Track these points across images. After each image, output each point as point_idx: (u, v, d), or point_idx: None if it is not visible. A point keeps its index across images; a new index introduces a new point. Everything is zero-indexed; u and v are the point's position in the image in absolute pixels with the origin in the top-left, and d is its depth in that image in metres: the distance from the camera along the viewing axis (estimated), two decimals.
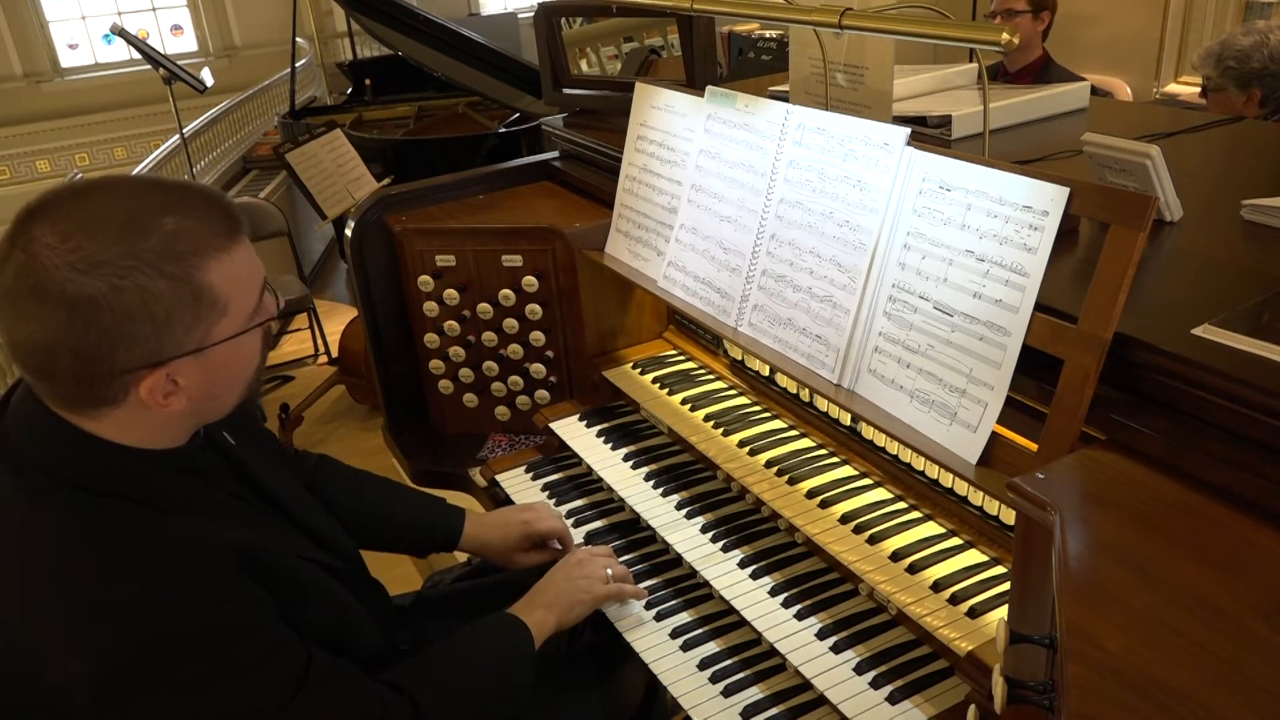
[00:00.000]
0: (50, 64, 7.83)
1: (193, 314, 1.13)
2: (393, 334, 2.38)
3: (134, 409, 1.16)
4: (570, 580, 1.62)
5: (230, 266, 1.17)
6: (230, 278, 1.17)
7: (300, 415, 4.47)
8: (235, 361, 1.22)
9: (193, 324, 1.14)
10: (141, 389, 1.13)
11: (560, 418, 2.16)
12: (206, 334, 1.16)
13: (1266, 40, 3.09)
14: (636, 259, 2.02)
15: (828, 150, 1.61)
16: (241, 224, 1.21)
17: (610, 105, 2.53)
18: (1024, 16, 3.90)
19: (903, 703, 1.39)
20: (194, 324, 1.14)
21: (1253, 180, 1.82)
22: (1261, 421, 1.08)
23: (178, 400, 1.18)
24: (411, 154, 4.75)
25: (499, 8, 8.80)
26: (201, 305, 1.14)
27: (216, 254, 1.15)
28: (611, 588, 1.64)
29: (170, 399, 1.17)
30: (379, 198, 2.36)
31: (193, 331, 1.14)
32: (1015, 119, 2.19)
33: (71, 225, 1.09)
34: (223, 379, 1.22)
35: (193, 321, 1.14)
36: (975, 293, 1.35)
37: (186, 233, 1.13)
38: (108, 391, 1.13)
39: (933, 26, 1.46)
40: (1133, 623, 0.91)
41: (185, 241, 1.12)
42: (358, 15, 5.01)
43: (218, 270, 1.15)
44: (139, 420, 1.18)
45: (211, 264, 1.14)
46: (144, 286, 1.09)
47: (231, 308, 1.17)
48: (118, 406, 1.15)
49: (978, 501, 1.55)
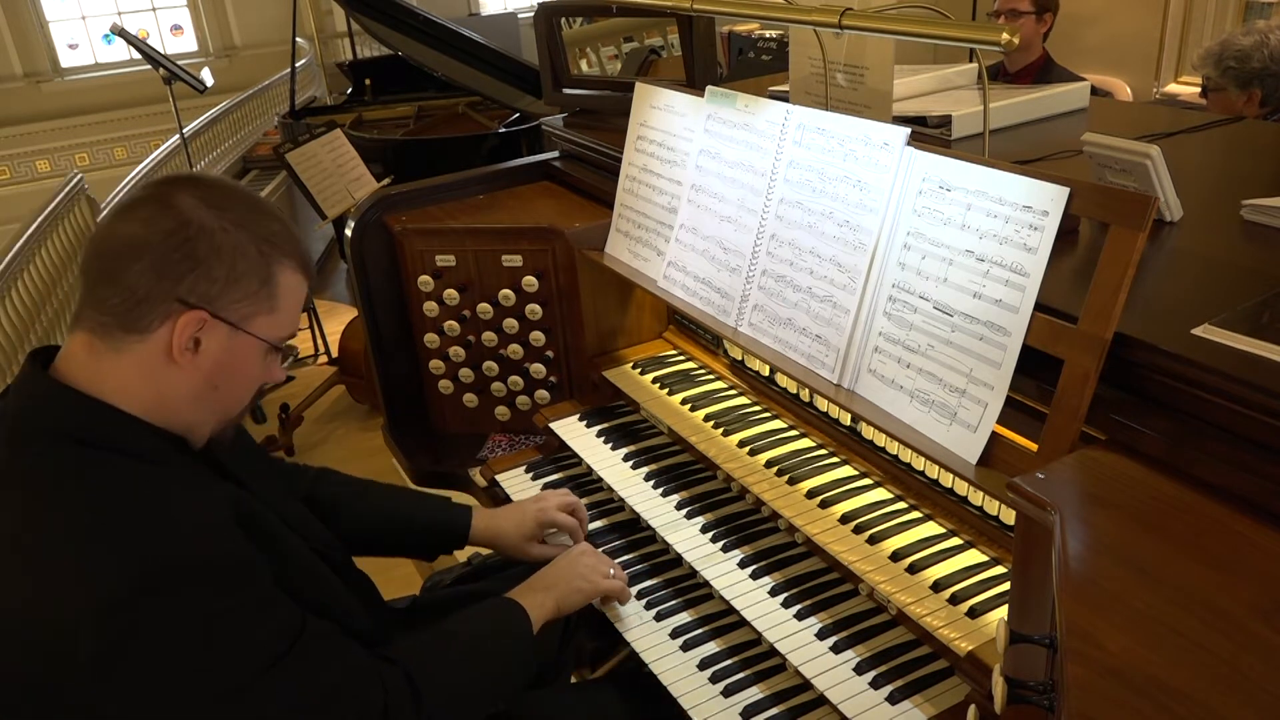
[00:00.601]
0: (50, 64, 7.82)
1: (255, 289, 1.27)
2: (393, 334, 2.38)
3: (153, 353, 1.22)
4: (572, 568, 1.65)
5: (295, 287, 1.33)
6: (290, 294, 1.32)
7: (300, 415, 4.48)
8: (243, 369, 1.30)
9: (249, 298, 1.26)
10: (179, 322, 1.21)
11: (560, 418, 2.16)
12: (250, 317, 1.27)
13: (1267, 40, 3.09)
14: (636, 259, 2.02)
15: (828, 150, 1.61)
16: (313, 274, 1.39)
17: (610, 105, 2.53)
18: (1027, 18, 3.89)
19: (903, 703, 1.39)
20: (250, 298, 1.27)
21: (1253, 180, 1.82)
22: (1261, 421, 1.08)
23: (190, 365, 1.24)
24: (411, 154, 4.74)
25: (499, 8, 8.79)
26: (265, 289, 1.28)
27: (294, 269, 1.32)
28: (613, 582, 1.66)
29: (186, 356, 1.24)
30: (379, 198, 2.36)
31: (245, 304, 1.26)
32: (1015, 119, 2.20)
33: (213, 186, 1.29)
34: (229, 375, 1.29)
35: (251, 296, 1.27)
36: (975, 293, 1.35)
37: (284, 236, 1.31)
38: (150, 315, 1.21)
39: (933, 26, 1.46)
40: (1133, 623, 0.91)
41: (282, 240, 1.30)
42: (358, 15, 5.00)
43: (288, 279, 1.31)
44: (146, 373, 1.23)
45: (288, 269, 1.30)
46: (242, 243, 1.25)
47: (278, 314, 1.30)
48: (144, 341, 1.22)
49: (978, 501, 1.55)
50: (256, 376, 1.33)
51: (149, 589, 1.11)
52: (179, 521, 1.17)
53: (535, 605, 1.56)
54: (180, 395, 1.26)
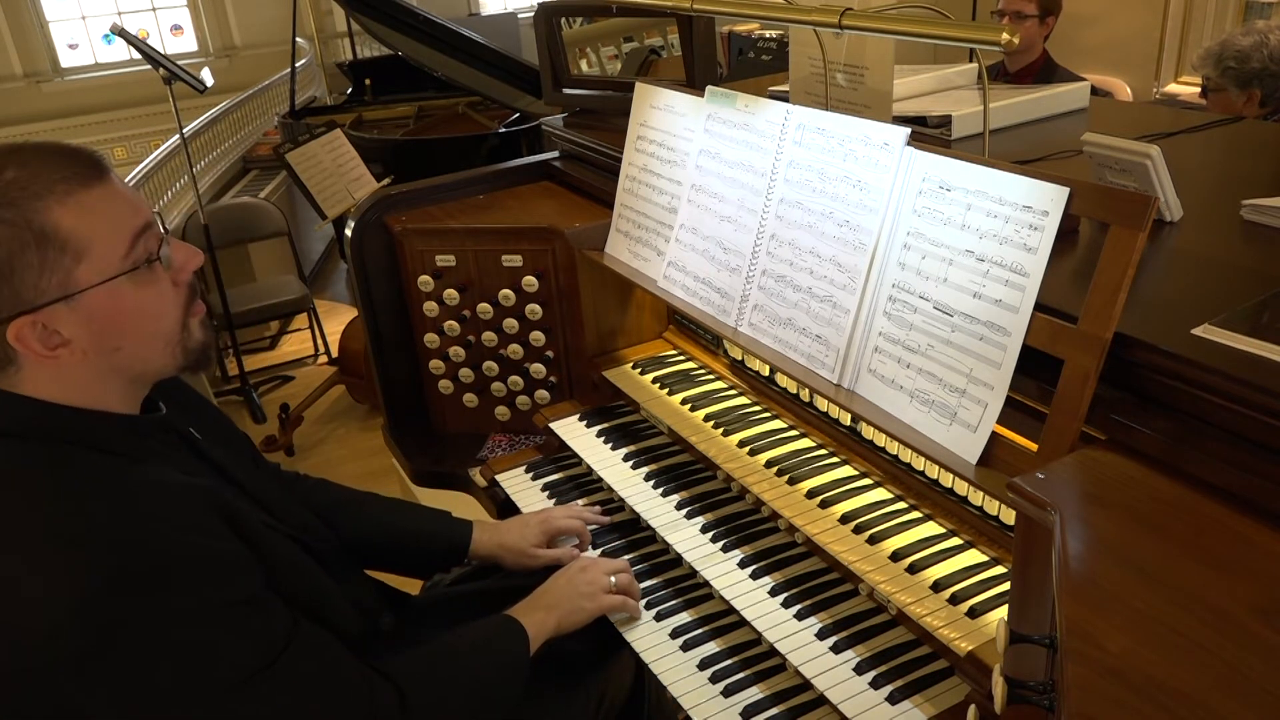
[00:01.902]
0: (50, 64, 7.83)
1: (38, 258, 1.11)
2: (393, 334, 2.38)
3: (35, 367, 1.16)
4: (573, 585, 1.61)
5: (81, 210, 1.14)
6: (83, 221, 1.14)
7: (300, 415, 4.48)
8: (125, 310, 1.18)
9: (42, 269, 1.12)
10: (10, 337, 1.13)
11: (560, 418, 2.16)
12: (66, 280, 1.13)
13: (1266, 40, 3.09)
14: (636, 259, 2.02)
15: (828, 150, 1.61)
16: (102, 170, 1.18)
17: (610, 105, 2.53)
18: (1031, 20, 3.89)
19: (903, 703, 1.39)
20: (44, 269, 1.12)
21: (1253, 180, 1.82)
22: (1261, 421, 1.08)
23: (71, 353, 1.16)
24: (411, 154, 4.75)
25: (499, 8, 8.79)
26: (48, 249, 1.12)
27: (61, 196, 1.13)
28: (615, 598, 1.62)
29: (59, 351, 1.16)
30: (379, 198, 2.36)
31: (46, 277, 1.12)
32: (1015, 119, 2.20)
33: None
34: (118, 329, 1.19)
35: (41, 267, 1.12)
36: (975, 293, 1.35)
37: (26, 180, 1.12)
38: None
39: (933, 26, 1.47)
40: (1133, 623, 0.91)
41: (22, 188, 1.11)
42: (358, 15, 5.00)
43: (63, 213, 1.12)
44: (55, 377, 1.18)
45: (54, 206, 1.12)
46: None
47: (90, 252, 1.14)
48: (19, 366, 1.16)
49: (978, 501, 1.55)
50: (151, 299, 1.21)
51: (133, 586, 1.09)
52: (163, 518, 1.14)
53: (536, 624, 1.53)
54: (98, 371, 1.20)
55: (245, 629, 1.17)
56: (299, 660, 1.21)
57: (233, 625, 1.16)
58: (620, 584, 1.64)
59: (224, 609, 1.15)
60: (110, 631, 1.08)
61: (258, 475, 1.47)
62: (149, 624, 1.10)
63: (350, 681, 1.27)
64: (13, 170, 1.12)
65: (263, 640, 1.19)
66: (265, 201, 5.26)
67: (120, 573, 1.09)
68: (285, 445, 4.39)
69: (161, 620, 1.11)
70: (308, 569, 1.36)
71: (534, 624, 1.53)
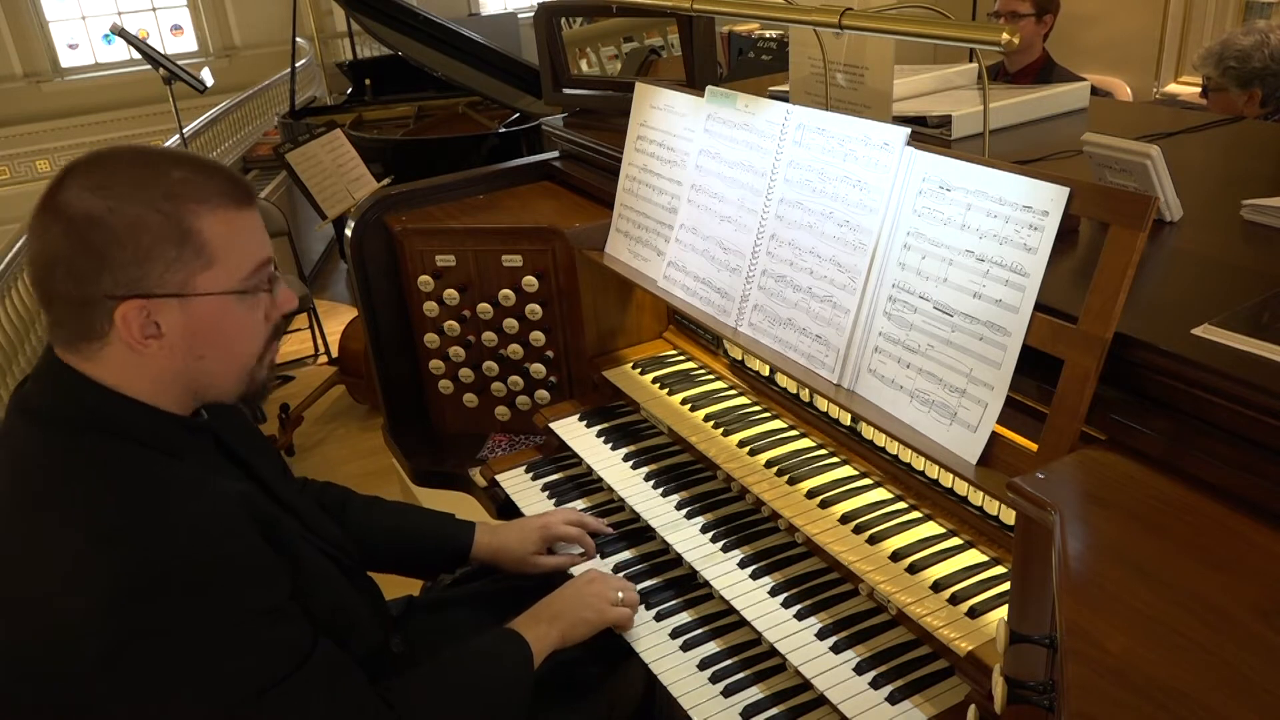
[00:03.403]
0: (50, 64, 7.83)
1: (175, 252, 1.18)
2: (393, 334, 2.38)
3: (120, 351, 1.19)
4: (579, 597, 1.59)
5: (226, 224, 1.22)
6: (224, 236, 1.21)
7: (300, 415, 4.47)
8: (224, 326, 1.24)
9: (173, 263, 1.18)
10: (118, 317, 1.17)
11: (560, 418, 2.16)
12: (189, 280, 1.19)
13: (1267, 40, 3.09)
14: (636, 259, 2.02)
15: (828, 150, 1.61)
16: (251, 198, 1.26)
17: (610, 105, 2.53)
18: (1028, 19, 3.89)
19: (903, 703, 1.39)
20: (175, 263, 1.18)
21: (1253, 180, 1.82)
22: (1261, 421, 1.08)
23: (160, 347, 1.20)
24: (411, 154, 4.74)
25: (499, 8, 8.79)
26: (186, 248, 1.18)
27: (214, 207, 1.21)
28: (620, 611, 1.61)
29: (151, 342, 1.19)
30: (379, 198, 2.36)
31: (173, 271, 1.18)
32: (1015, 119, 2.20)
33: (98, 164, 1.20)
34: (210, 340, 1.24)
35: (174, 260, 1.18)
36: (975, 293, 1.35)
37: (189, 182, 1.20)
38: (94, 319, 1.18)
39: (933, 26, 1.47)
40: (1133, 623, 0.91)
41: (185, 187, 1.19)
42: (358, 15, 5.00)
43: (211, 221, 1.20)
44: (131, 365, 1.21)
45: (205, 213, 1.20)
46: (137, 214, 1.16)
47: (219, 262, 1.21)
48: (106, 343, 1.19)
49: (978, 501, 1.55)
50: (248, 324, 1.26)
51: (163, 589, 1.10)
52: (195, 521, 1.15)
53: (539, 637, 1.52)
54: (173, 373, 1.23)
55: (268, 639, 1.18)
56: (314, 678, 1.21)
57: (256, 635, 1.17)
58: (626, 601, 1.63)
59: (249, 617, 1.16)
60: (138, 631, 1.10)
61: (290, 486, 1.48)
62: (175, 627, 1.11)
63: (360, 706, 1.27)
64: (182, 172, 1.21)
65: (283, 653, 1.19)
66: (265, 201, 5.26)
67: (152, 575, 1.10)
68: (285, 445, 4.39)
69: (188, 624, 1.12)
70: (337, 581, 1.37)
71: (537, 637, 1.51)
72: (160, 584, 1.11)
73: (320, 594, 1.31)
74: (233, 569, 1.16)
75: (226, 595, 1.15)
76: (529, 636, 1.51)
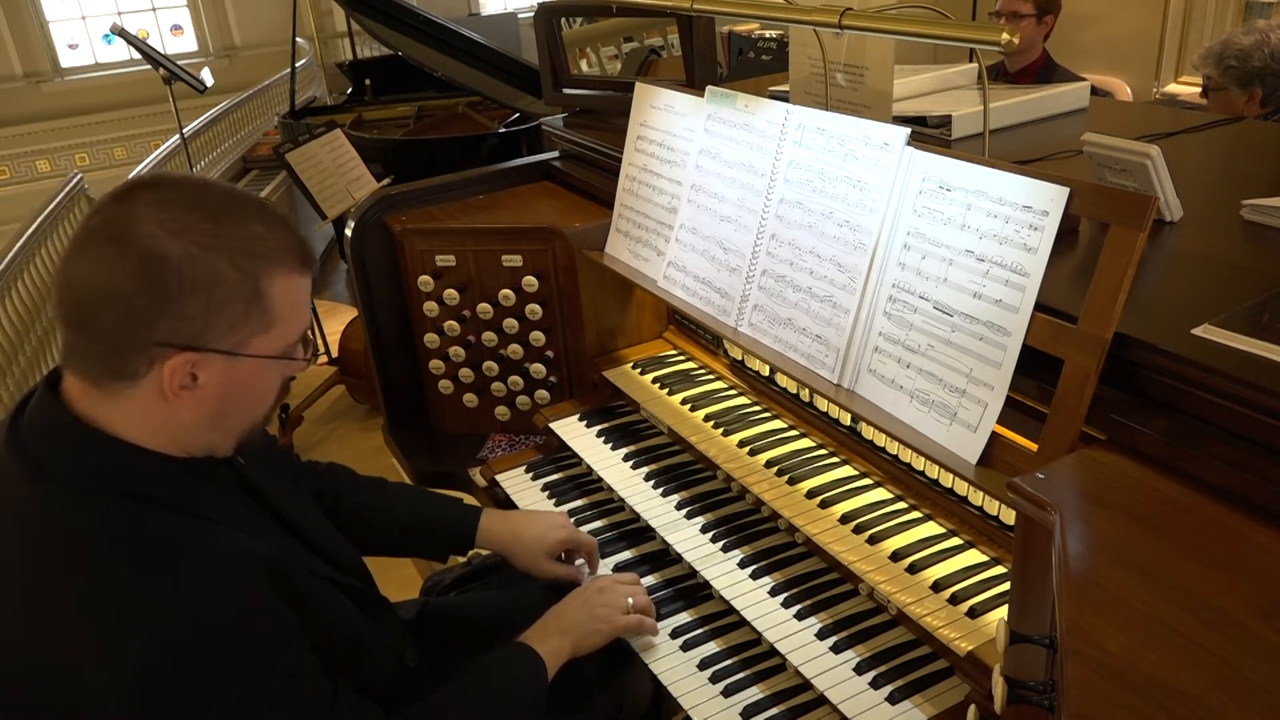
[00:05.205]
0: (50, 64, 7.82)
1: (244, 312, 1.16)
2: (393, 334, 2.39)
3: (148, 396, 1.16)
4: (590, 608, 1.56)
5: (292, 291, 1.21)
6: (288, 300, 1.20)
7: (300, 415, 4.47)
8: (255, 387, 1.23)
9: (239, 322, 1.16)
10: (166, 367, 1.13)
11: (560, 418, 2.16)
12: (245, 340, 1.18)
13: (1267, 39, 3.09)
14: (636, 259, 2.02)
15: (828, 150, 1.61)
16: (313, 263, 1.26)
17: (610, 105, 2.53)
18: (1028, 20, 3.89)
19: (903, 703, 1.39)
20: (240, 323, 1.16)
21: (1253, 180, 1.82)
22: (1261, 421, 1.08)
23: (190, 399, 1.17)
24: (411, 154, 4.74)
25: (499, 8, 8.79)
26: (254, 308, 1.17)
27: (286, 272, 1.19)
28: (631, 619, 1.58)
29: (184, 394, 1.16)
30: (379, 198, 2.36)
31: (236, 330, 1.16)
32: (1015, 119, 2.20)
33: (173, 197, 1.15)
34: (239, 399, 1.22)
35: (241, 320, 1.16)
36: (975, 293, 1.35)
37: (269, 241, 1.18)
38: (133, 362, 1.13)
39: (933, 26, 1.47)
40: (1133, 623, 0.91)
41: (265, 247, 1.17)
42: (358, 15, 5.00)
43: (281, 287, 1.19)
44: (149, 413, 1.17)
45: (279, 278, 1.18)
46: (216, 267, 1.13)
47: (277, 327, 1.20)
48: (135, 386, 1.15)
49: (978, 501, 1.55)
50: (271, 389, 1.26)
51: (186, 666, 1.09)
52: (215, 595, 1.12)
53: (552, 651, 1.50)
54: (193, 426, 1.20)
55: (292, 703, 1.17)
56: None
57: (279, 703, 1.16)
58: (638, 605, 1.60)
59: (272, 688, 1.16)
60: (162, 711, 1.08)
61: (300, 502, 1.45)
62: (199, 705, 1.10)
63: None
64: (262, 228, 1.18)
65: (308, 712, 1.19)
66: None
67: (177, 655, 1.08)
68: (285, 445, 4.39)
69: (213, 703, 1.11)
70: (348, 613, 1.35)
71: (549, 650, 1.49)
72: (183, 665, 1.09)
73: (336, 632, 1.30)
74: (256, 641, 1.14)
75: (250, 670, 1.13)
76: (541, 650, 1.49)
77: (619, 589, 1.62)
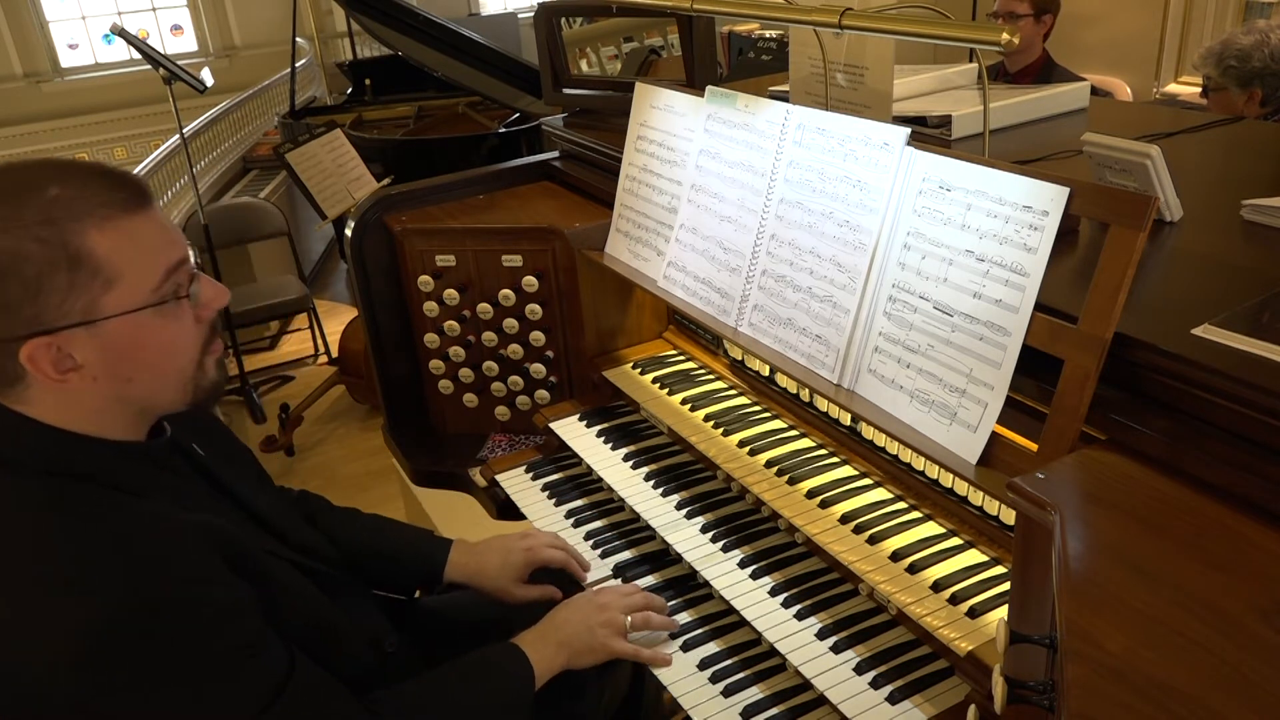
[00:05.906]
0: (50, 64, 7.83)
1: (68, 280, 1.10)
2: (393, 334, 2.38)
3: (44, 388, 1.14)
4: (589, 629, 1.53)
5: (119, 237, 1.13)
6: (119, 249, 1.13)
7: (300, 415, 4.48)
8: (146, 343, 1.17)
9: (69, 291, 1.10)
10: (23, 357, 1.10)
11: (560, 418, 2.16)
12: (92, 305, 1.12)
13: (1267, 39, 3.09)
14: (636, 259, 2.02)
15: (828, 150, 1.61)
16: (144, 198, 1.17)
17: (610, 105, 2.53)
18: (1026, 20, 3.89)
19: (903, 703, 1.39)
20: (71, 292, 1.10)
21: (1253, 180, 1.82)
22: (1262, 421, 1.08)
23: (82, 378, 1.14)
24: (411, 154, 4.75)
25: (499, 8, 8.80)
26: (80, 272, 1.10)
27: (100, 221, 1.12)
28: (628, 647, 1.54)
29: (70, 375, 1.13)
30: (379, 198, 2.36)
31: (72, 300, 1.11)
32: (1015, 119, 2.19)
33: None
34: (134, 361, 1.17)
35: (68, 289, 1.10)
36: (975, 293, 1.35)
37: (68, 199, 1.11)
38: (4, 364, 1.11)
39: (933, 26, 1.46)
40: (1133, 623, 0.91)
41: (64, 207, 1.10)
42: (358, 15, 5.00)
43: (100, 238, 1.11)
44: (61, 401, 1.15)
45: (91, 231, 1.11)
46: (14, 248, 1.07)
47: (121, 280, 1.13)
48: (27, 384, 1.13)
49: (978, 501, 1.55)
50: (173, 334, 1.19)
51: (130, 638, 1.07)
52: (162, 565, 1.11)
53: (544, 659, 1.47)
54: (106, 400, 1.17)
55: (242, 676, 1.15)
56: (294, 704, 1.18)
57: (229, 673, 1.14)
58: (637, 623, 1.57)
59: (221, 657, 1.13)
60: (106, 682, 1.07)
61: (263, 494, 1.44)
62: (145, 675, 1.09)
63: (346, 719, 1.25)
64: (56, 188, 1.11)
65: (259, 686, 1.16)
66: (265, 201, 5.26)
67: (118, 624, 1.07)
68: (285, 445, 4.39)
69: (158, 671, 1.10)
70: (312, 597, 1.33)
71: (542, 659, 1.48)
72: (125, 637, 1.07)
73: (295, 612, 1.27)
74: (199, 612, 1.12)
75: (196, 641, 1.11)
76: (534, 657, 1.47)
77: (620, 603, 1.58)
